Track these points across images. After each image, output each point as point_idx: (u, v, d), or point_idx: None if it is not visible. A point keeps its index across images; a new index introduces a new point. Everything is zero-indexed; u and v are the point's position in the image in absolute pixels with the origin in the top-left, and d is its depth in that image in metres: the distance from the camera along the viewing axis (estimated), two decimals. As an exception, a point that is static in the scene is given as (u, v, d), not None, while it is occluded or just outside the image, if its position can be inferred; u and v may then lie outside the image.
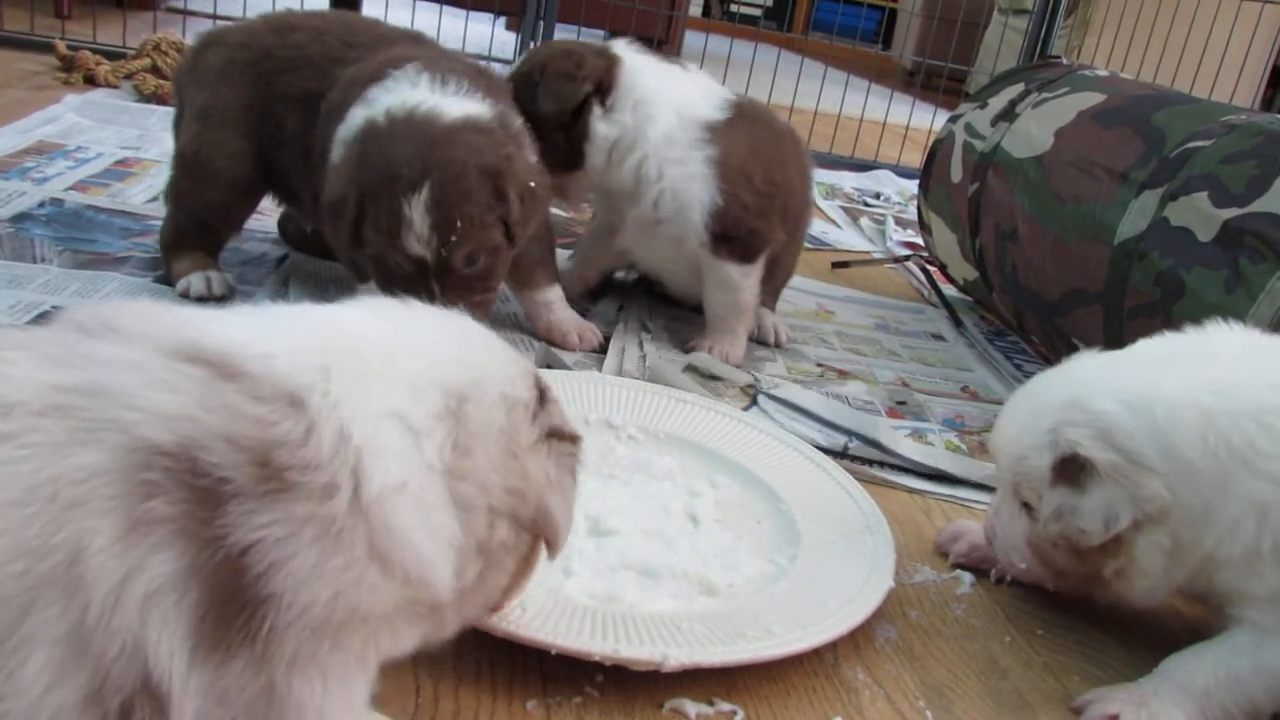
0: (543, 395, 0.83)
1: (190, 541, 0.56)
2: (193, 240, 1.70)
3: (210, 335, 0.63)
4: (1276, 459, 0.99)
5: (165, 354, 0.60)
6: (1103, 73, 2.19)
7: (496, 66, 3.91)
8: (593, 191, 1.90)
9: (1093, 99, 1.96)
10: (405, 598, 0.67)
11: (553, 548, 0.85)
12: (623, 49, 1.81)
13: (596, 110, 1.75)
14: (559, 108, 1.73)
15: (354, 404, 0.64)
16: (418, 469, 0.67)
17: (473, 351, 0.78)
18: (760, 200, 1.75)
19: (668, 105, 1.75)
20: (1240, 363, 1.06)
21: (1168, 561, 1.04)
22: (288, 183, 1.70)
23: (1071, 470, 1.05)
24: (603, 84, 1.75)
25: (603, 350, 1.76)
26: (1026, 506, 1.11)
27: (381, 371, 0.68)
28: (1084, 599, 1.18)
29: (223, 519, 0.57)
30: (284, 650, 0.60)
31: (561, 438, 0.84)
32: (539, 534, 0.82)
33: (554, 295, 1.75)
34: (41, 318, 1.49)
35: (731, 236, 1.73)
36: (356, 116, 1.45)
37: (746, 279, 1.78)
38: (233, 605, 0.58)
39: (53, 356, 0.59)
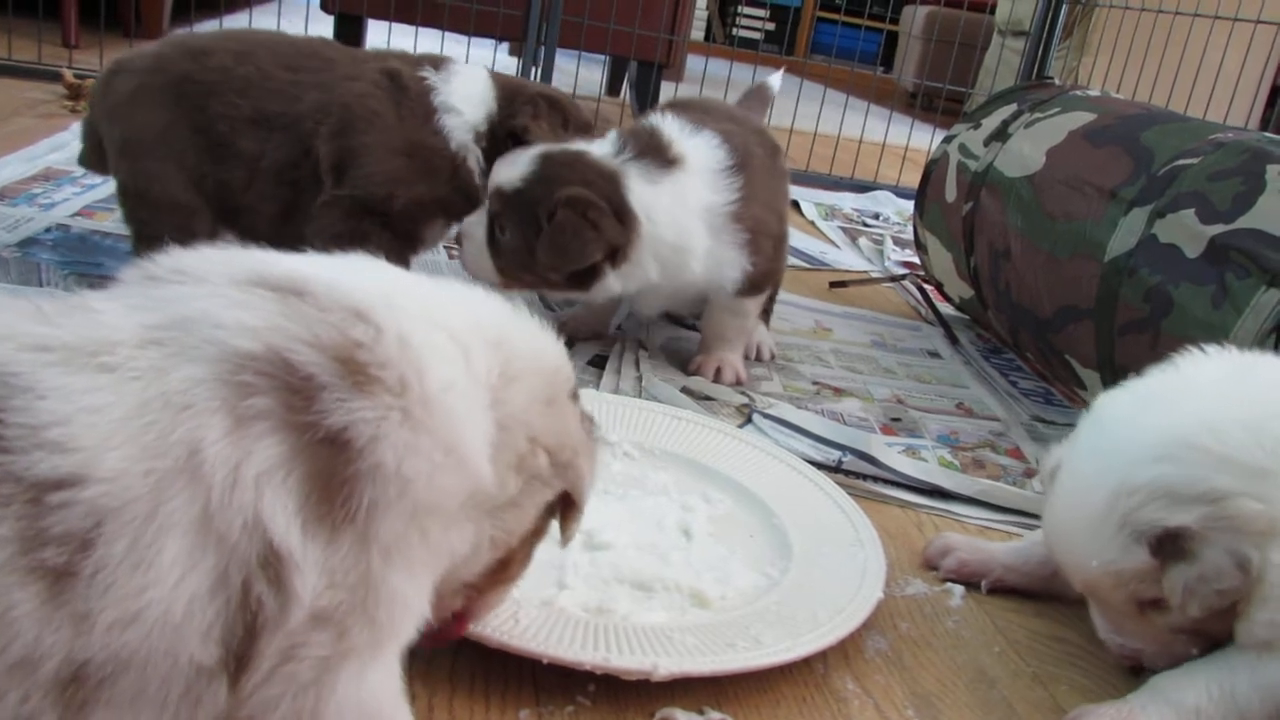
0: (576, 391, 0.89)
1: (290, 430, 0.61)
2: None
3: (275, 265, 0.70)
4: None
5: (236, 283, 0.66)
6: (1094, 92, 2.22)
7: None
8: None
9: (1083, 118, 1.99)
10: (468, 491, 0.72)
11: (573, 510, 0.88)
12: (642, 184, 1.64)
13: (608, 268, 1.65)
14: (560, 268, 1.64)
15: (412, 318, 0.70)
16: (464, 375, 0.73)
17: (531, 327, 0.85)
18: (778, 244, 1.82)
19: (701, 234, 1.68)
20: (1242, 379, 1.07)
21: None
22: (229, 199, 1.69)
23: (1171, 547, 1.00)
24: (617, 251, 1.63)
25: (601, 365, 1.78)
26: (1151, 605, 1.06)
27: (442, 305, 0.75)
28: (1057, 601, 1.23)
29: (318, 406, 0.62)
30: (382, 534, 0.65)
31: (591, 422, 0.90)
32: (567, 487, 0.85)
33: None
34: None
35: (755, 284, 1.78)
36: None
37: (757, 306, 1.85)
38: (334, 482, 0.63)
39: (136, 305, 0.64)
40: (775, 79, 2.39)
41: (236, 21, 3.75)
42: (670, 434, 1.48)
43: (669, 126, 1.73)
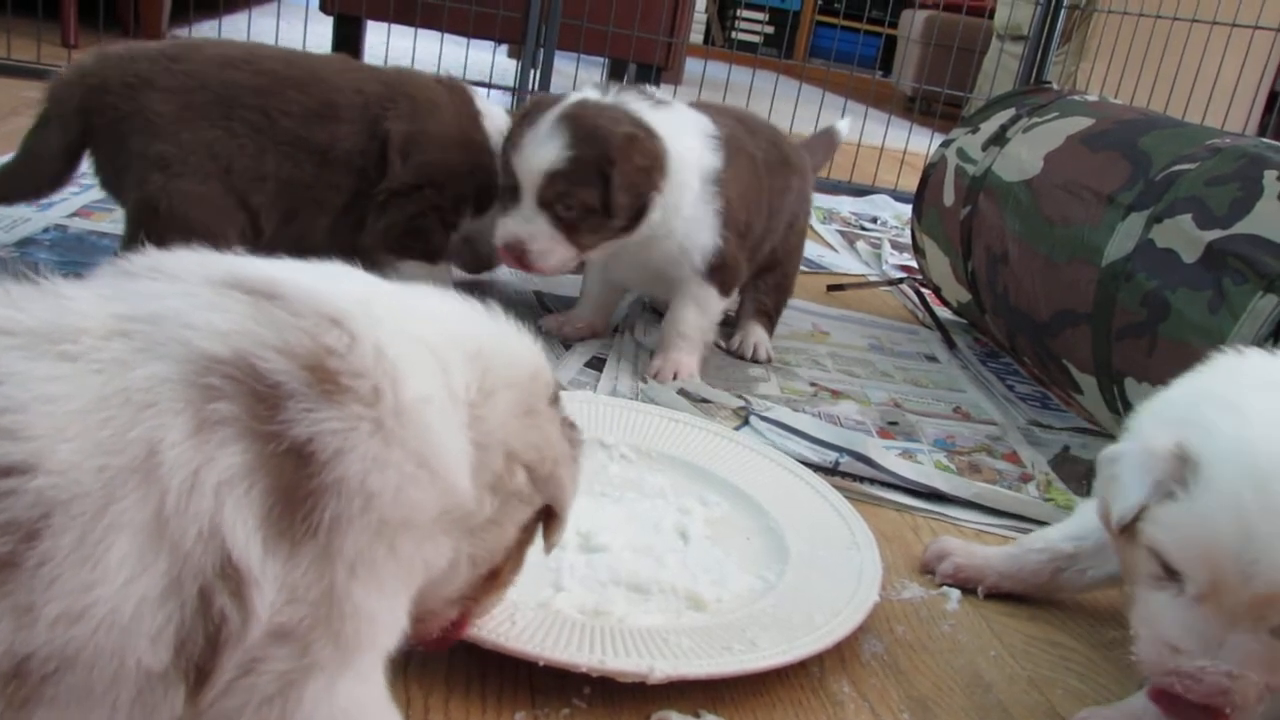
0: (558, 395, 0.88)
1: (254, 439, 0.60)
2: None
3: (251, 268, 0.69)
4: None
5: (211, 284, 0.65)
6: (1091, 97, 2.23)
7: (496, 94, 3.96)
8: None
9: (1081, 123, 1.99)
10: (443, 506, 0.71)
11: (556, 521, 0.87)
12: (649, 111, 1.72)
13: (655, 196, 1.71)
14: (636, 202, 1.69)
15: (389, 328, 0.69)
16: (443, 390, 0.72)
17: (508, 334, 0.83)
18: (740, 239, 1.82)
19: (690, 168, 1.73)
20: None
21: None
22: (295, 196, 1.72)
23: None
24: (663, 169, 1.71)
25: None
26: None
27: (422, 316, 0.74)
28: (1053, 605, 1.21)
29: (284, 415, 0.61)
30: (346, 549, 0.64)
31: (573, 429, 0.89)
32: (548, 500, 0.84)
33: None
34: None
35: (719, 267, 1.79)
36: None
37: (720, 307, 1.86)
38: (297, 496, 0.61)
39: (107, 295, 0.63)
40: (844, 125, 2.46)
41: (235, 22, 3.75)
42: (667, 436, 1.48)
43: (654, 93, 1.82)
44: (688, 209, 1.74)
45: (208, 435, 0.59)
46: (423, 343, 0.72)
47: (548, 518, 0.87)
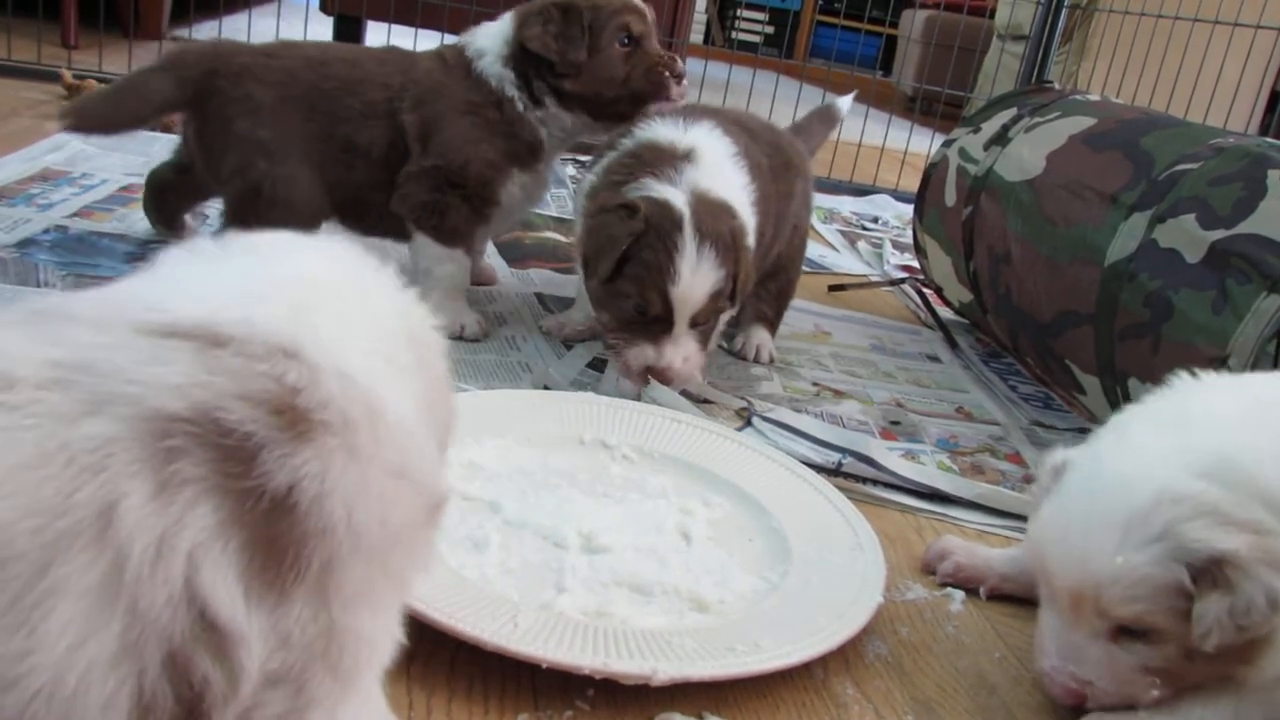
0: None
1: (226, 495, 0.57)
2: None
3: (175, 309, 0.64)
4: None
5: (141, 331, 0.61)
6: (1093, 97, 2.22)
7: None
8: None
9: (1083, 123, 1.99)
10: (425, 508, 0.69)
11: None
12: (709, 180, 1.67)
13: None
14: (608, 256, 1.61)
15: (343, 345, 0.67)
16: (400, 393, 0.70)
17: (410, 295, 0.82)
18: (755, 251, 1.79)
19: (748, 220, 1.71)
20: (1265, 410, 1.03)
21: None
22: (360, 200, 1.82)
23: (1215, 573, 0.93)
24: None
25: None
26: (1135, 636, 0.99)
27: (357, 315, 0.72)
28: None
29: (259, 468, 0.58)
30: (343, 585, 0.61)
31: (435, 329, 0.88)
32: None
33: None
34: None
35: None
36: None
37: (727, 315, 1.83)
38: (280, 545, 0.59)
39: (36, 337, 0.59)
40: (845, 101, 2.42)
41: (236, 22, 3.75)
42: (669, 437, 1.48)
43: (661, 131, 1.76)
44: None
45: (172, 496, 0.55)
46: (371, 348, 0.70)
47: None
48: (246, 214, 1.76)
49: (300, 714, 0.62)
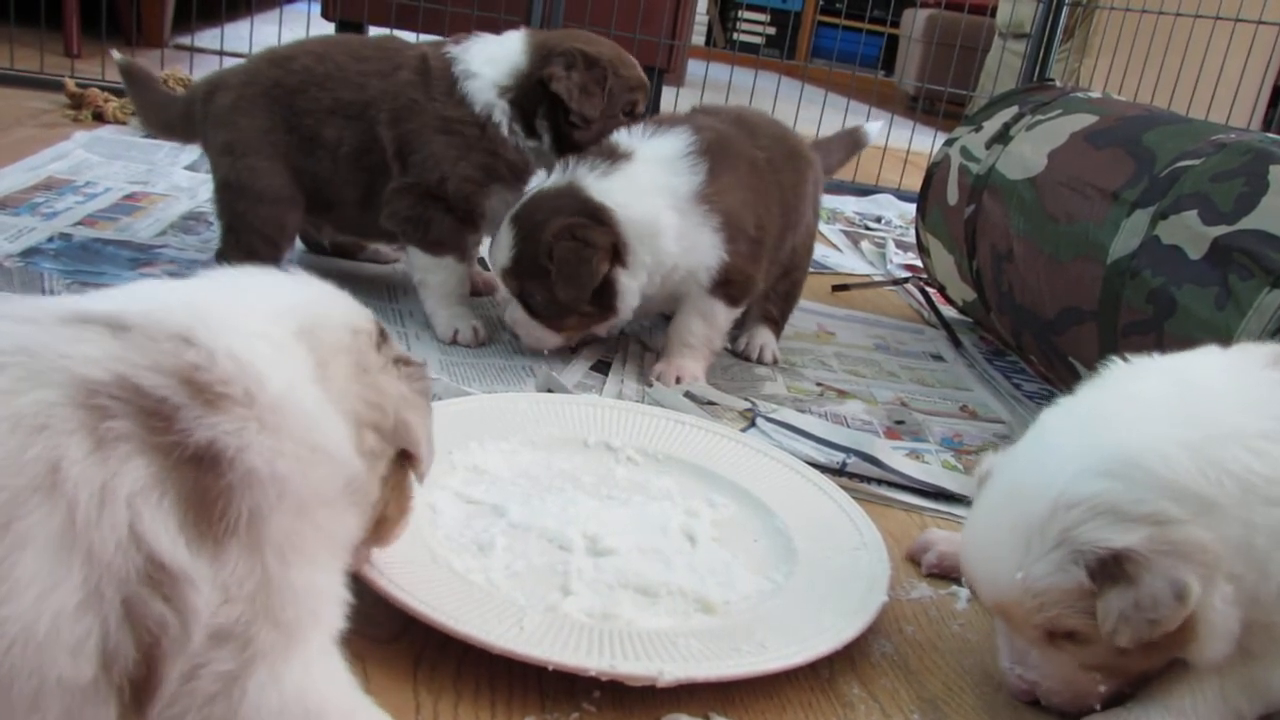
0: (383, 333, 0.90)
1: (155, 452, 0.62)
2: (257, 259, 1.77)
3: (91, 303, 0.71)
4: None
5: (63, 321, 0.67)
6: (1095, 94, 2.22)
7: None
8: None
9: (1085, 120, 1.98)
10: (344, 478, 0.75)
11: (415, 462, 0.90)
12: (598, 182, 1.70)
13: (619, 271, 1.70)
14: (584, 293, 1.69)
15: (230, 332, 0.72)
16: (299, 376, 0.75)
17: (316, 296, 0.86)
18: (754, 246, 1.79)
19: (666, 210, 1.71)
20: (1185, 398, 1.01)
21: (1236, 611, 0.95)
22: (320, 188, 1.85)
23: (1113, 569, 0.93)
24: (616, 249, 1.68)
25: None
26: (1065, 637, 0.99)
27: (241, 309, 0.77)
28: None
29: (179, 425, 0.63)
30: (272, 535, 0.66)
31: (408, 364, 0.91)
32: (402, 448, 0.87)
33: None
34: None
35: (725, 282, 1.77)
36: None
37: (729, 318, 1.83)
38: (209, 498, 0.63)
39: None
40: (873, 127, 2.45)
41: (238, 29, 3.76)
42: (674, 439, 1.48)
43: (622, 135, 1.78)
44: (675, 245, 1.72)
45: (108, 451, 0.60)
46: (261, 336, 0.74)
47: (407, 458, 0.90)
48: (224, 210, 1.85)
49: (246, 669, 0.65)
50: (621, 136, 1.78)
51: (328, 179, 1.83)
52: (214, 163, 1.87)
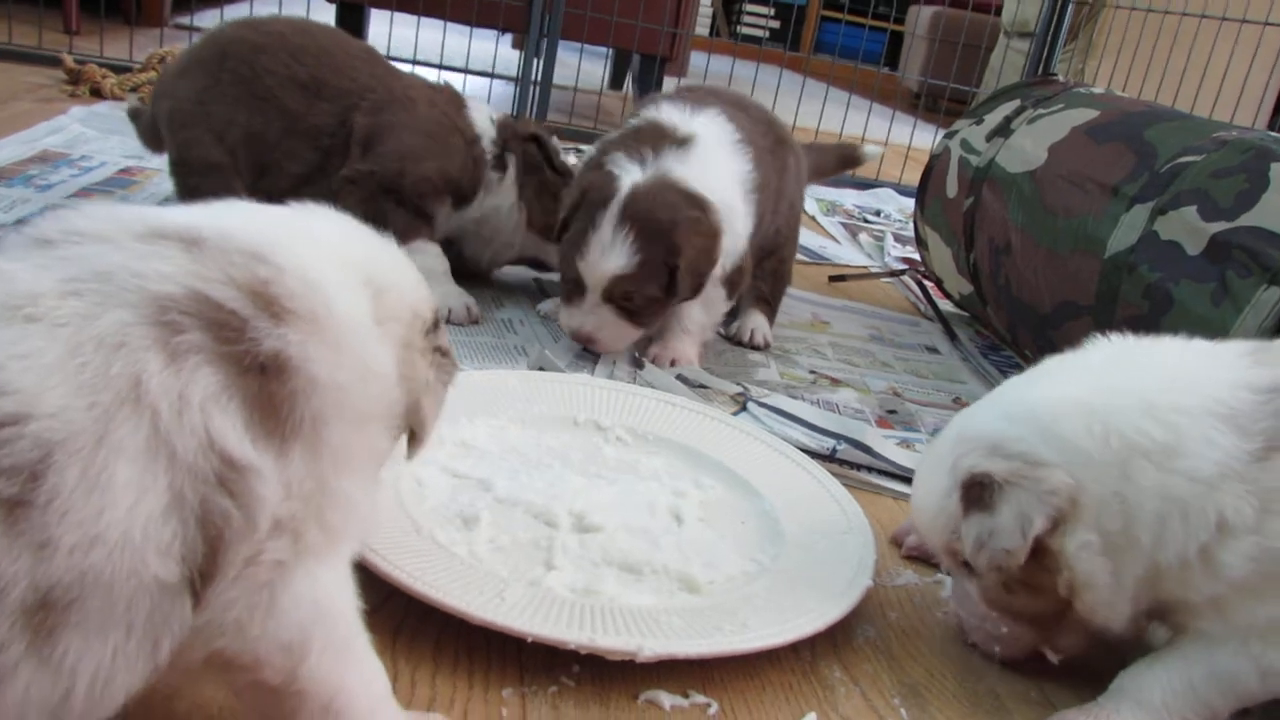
0: (436, 321, 0.92)
1: (223, 361, 0.65)
2: None
3: (167, 218, 0.73)
4: (1189, 456, 0.96)
5: (138, 237, 0.69)
6: (1097, 89, 2.21)
7: (499, 84, 3.95)
8: None
9: (1086, 115, 1.97)
10: (388, 403, 0.79)
11: (416, 441, 0.91)
12: (688, 169, 1.69)
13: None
14: (701, 281, 1.70)
15: (305, 259, 0.74)
16: (359, 309, 0.78)
17: (391, 263, 0.88)
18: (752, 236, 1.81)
19: (737, 214, 1.74)
20: (1118, 369, 1.06)
21: (1110, 565, 0.99)
22: (258, 152, 1.84)
23: (976, 494, 1.01)
24: (720, 237, 1.70)
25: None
26: (967, 566, 1.06)
27: (319, 246, 0.79)
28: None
29: (249, 334, 0.66)
30: (332, 440, 0.70)
31: (445, 356, 0.93)
32: (411, 425, 0.89)
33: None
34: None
35: (740, 268, 1.79)
36: None
37: (726, 305, 1.86)
38: (275, 401, 0.67)
39: (43, 264, 0.66)
40: (872, 150, 2.47)
41: (238, 10, 3.74)
42: (664, 420, 1.47)
43: (665, 111, 1.78)
44: (742, 231, 1.75)
45: (181, 363, 0.63)
46: (337, 272, 0.77)
47: (410, 436, 0.91)
48: (180, 186, 1.90)
49: (296, 561, 0.70)
50: (665, 113, 1.77)
51: (273, 143, 1.83)
52: (166, 141, 1.90)
